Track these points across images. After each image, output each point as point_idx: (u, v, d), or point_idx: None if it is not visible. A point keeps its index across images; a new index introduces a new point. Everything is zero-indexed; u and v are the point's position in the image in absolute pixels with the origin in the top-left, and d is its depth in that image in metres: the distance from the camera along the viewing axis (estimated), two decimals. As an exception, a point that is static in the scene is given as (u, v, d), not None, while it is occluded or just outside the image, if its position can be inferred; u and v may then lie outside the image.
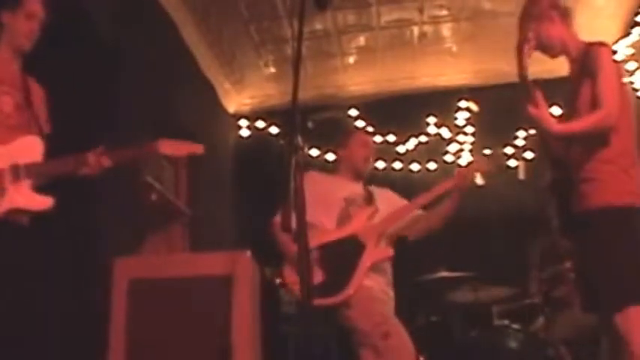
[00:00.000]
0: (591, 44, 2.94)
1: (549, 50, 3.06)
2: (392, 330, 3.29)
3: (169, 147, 2.87)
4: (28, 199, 2.69)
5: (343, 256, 3.44)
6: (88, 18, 3.82)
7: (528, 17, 3.05)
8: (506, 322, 4.50)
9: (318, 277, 3.34)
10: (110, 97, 4.01)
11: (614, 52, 5.86)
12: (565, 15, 3.04)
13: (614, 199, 2.77)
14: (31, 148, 2.75)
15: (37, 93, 2.95)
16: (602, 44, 2.92)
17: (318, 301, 3.22)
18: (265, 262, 3.72)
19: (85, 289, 3.40)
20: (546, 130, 2.86)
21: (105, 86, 3.92)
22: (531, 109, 2.85)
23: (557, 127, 2.87)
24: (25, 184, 2.68)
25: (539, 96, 2.88)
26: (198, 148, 2.96)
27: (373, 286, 3.47)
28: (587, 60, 2.87)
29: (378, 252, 3.51)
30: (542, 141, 3.10)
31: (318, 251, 3.40)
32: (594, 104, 2.80)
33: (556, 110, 6.12)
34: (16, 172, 2.67)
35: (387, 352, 3.21)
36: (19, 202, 2.66)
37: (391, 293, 3.61)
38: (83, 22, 3.63)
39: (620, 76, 2.97)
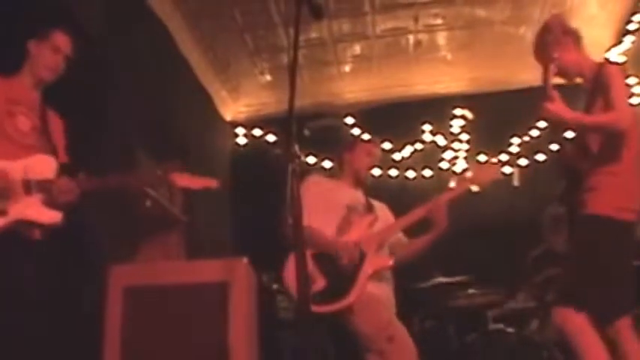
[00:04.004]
0: (603, 63, 3.01)
1: (566, 76, 3.11)
2: (396, 333, 3.31)
3: (183, 180, 2.91)
4: (38, 212, 2.74)
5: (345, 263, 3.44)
6: (81, 25, 3.84)
7: (544, 45, 3.08)
8: (501, 326, 4.52)
9: (319, 283, 3.35)
10: (105, 106, 4.03)
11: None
12: (577, 39, 3.11)
13: (605, 209, 2.85)
14: (44, 166, 2.81)
15: (56, 123, 3.03)
16: (613, 63, 2.99)
17: (320, 308, 3.24)
18: (262, 268, 3.73)
19: (80, 297, 3.40)
20: (561, 118, 2.91)
21: (100, 95, 3.94)
22: (547, 104, 2.90)
23: (571, 115, 2.92)
24: (37, 198, 2.74)
25: (555, 94, 2.93)
26: (212, 183, 2.98)
27: (378, 293, 3.50)
28: (600, 78, 2.93)
29: (379, 260, 3.53)
30: (563, 153, 3.16)
31: (319, 258, 3.41)
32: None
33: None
34: (28, 186, 2.73)
35: (392, 355, 3.22)
36: (29, 214, 2.72)
37: (393, 300, 3.63)
38: (76, 29, 3.64)
39: (629, 96, 3.02)
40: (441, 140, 6.56)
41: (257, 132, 6.82)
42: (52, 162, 2.85)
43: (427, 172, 6.50)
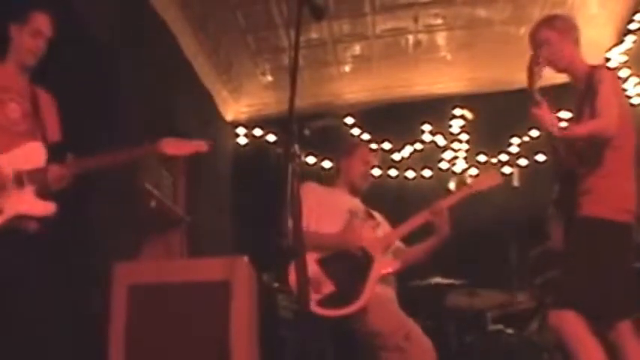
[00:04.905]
0: (596, 67, 3.04)
1: (556, 64, 3.13)
2: (412, 331, 3.33)
3: (172, 147, 2.88)
4: (32, 205, 2.73)
5: (352, 266, 3.45)
6: (86, 27, 3.86)
7: (550, 27, 3.12)
8: (500, 326, 4.53)
9: (327, 287, 3.36)
10: (108, 106, 4.05)
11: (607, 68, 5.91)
12: (578, 38, 3.14)
13: (601, 211, 2.88)
14: (33, 155, 2.79)
15: (47, 102, 3.00)
16: (605, 67, 3.01)
17: (331, 312, 3.27)
18: (263, 267, 3.75)
19: (84, 295, 3.42)
20: (549, 131, 2.94)
21: (103, 95, 3.96)
22: (535, 111, 2.92)
23: (557, 130, 2.95)
24: (29, 190, 2.73)
25: (544, 103, 2.96)
26: (202, 146, 2.95)
27: (385, 293, 3.52)
28: (592, 81, 2.95)
29: (388, 264, 3.54)
30: (556, 157, 3.18)
31: (324, 262, 3.42)
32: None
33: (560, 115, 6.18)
34: (20, 178, 2.72)
35: (411, 350, 3.23)
36: (22, 208, 2.70)
37: (397, 302, 3.65)
38: (82, 31, 3.67)
39: (622, 97, 3.02)
40: (440, 140, 6.56)
41: (257, 132, 6.85)
42: (41, 149, 2.82)
43: (427, 173, 6.51)
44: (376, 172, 6.31)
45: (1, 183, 2.67)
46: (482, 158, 6.38)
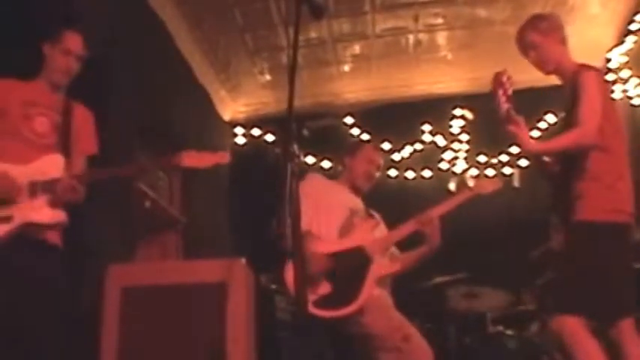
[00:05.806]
0: (580, 67, 3.01)
1: (544, 66, 3.12)
2: (411, 333, 3.30)
3: (193, 159, 2.84)
4: (41, 213, 2.75)
5: (350, 267, 3.41)
6: (83, 26, 3.83)
7: (535, 30, 3.10)
8: (500, 328, 4.51)
9: (324, 288, 3.33)
10: (106, 106, 4.02)
11: (607, 68, 5.90)
12: (565, 38, 3.12)
13: (594, 214, 2.87)
14: (51, 166, 2.81)
15: (83, 117, 3.04)
16: (589, 67, 3.00)
17: (328, 313, 3.22)
18: (260, 269, 3.72)
19: (78, 296, 3.40)
20: (522, 147, 2.97)
21: (100, 94, 3.93)
22: (509, 127, 2.93)
23: (533, 146, 2.99)
24: (41, 200, 2.76)
25: (519, 119, 2.95)
26: (224, 157, 2.92)
27: (382, 295, 3.48)
28: (576, 86, 2.94)
29: (386, 265, 3.51)
30: (540, 164, 3.16)
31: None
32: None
33: (551, 118, 6.19)
34: (34, 188, 2.75)
35: (410, 352, 3.20)
36: (32, 216, 2.73)
37: (392, 304, 3.61)
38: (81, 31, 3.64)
39: (607, 98, 3.00)
40: (440, 140, 6.55)
41: (256, 132, 6.82)
42: (60, 160, 2.85)
43: (427, 173, 6.49)
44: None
45: (14, 192, 2.71)
46: (482, 158, 6.36)
